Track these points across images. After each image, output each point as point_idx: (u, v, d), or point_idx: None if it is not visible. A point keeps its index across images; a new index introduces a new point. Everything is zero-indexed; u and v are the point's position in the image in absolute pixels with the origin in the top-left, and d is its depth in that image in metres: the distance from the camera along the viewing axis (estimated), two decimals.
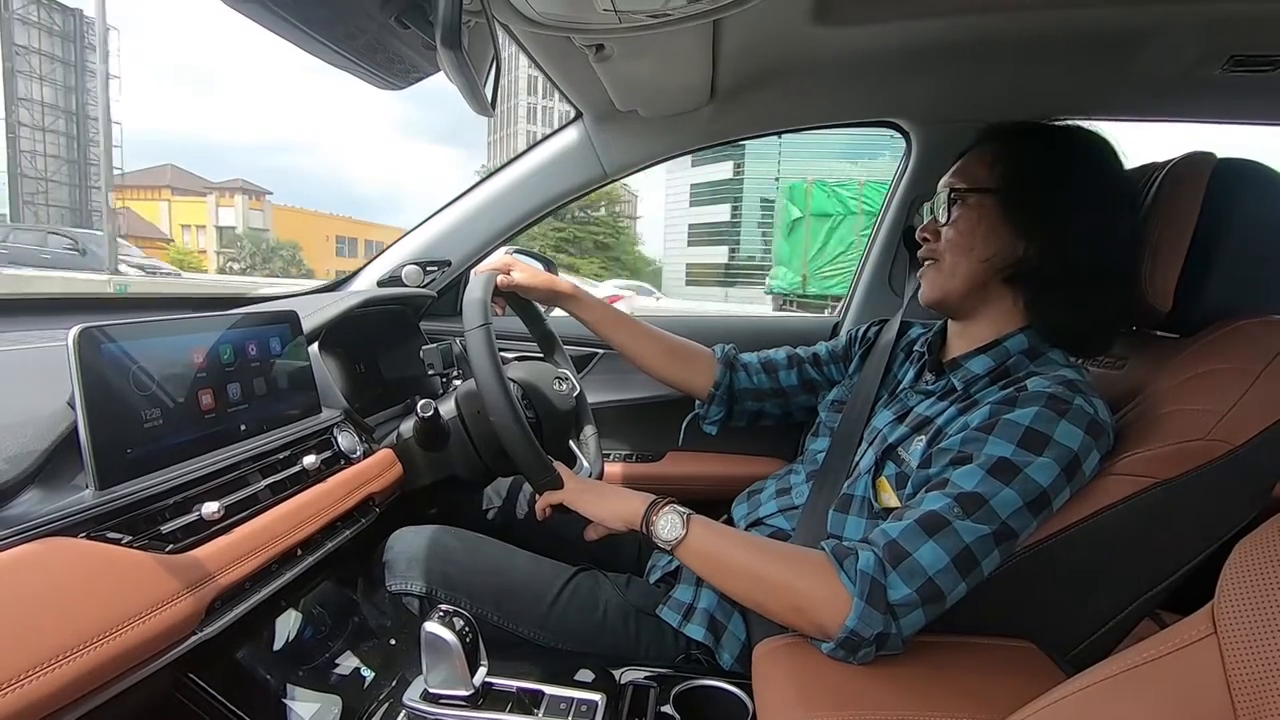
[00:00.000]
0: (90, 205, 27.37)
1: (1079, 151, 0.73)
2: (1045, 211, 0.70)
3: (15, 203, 25.70)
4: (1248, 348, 0.67)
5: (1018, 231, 0.72)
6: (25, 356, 0.72)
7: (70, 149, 27.44)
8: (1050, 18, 0.97)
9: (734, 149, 31.23)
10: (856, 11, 0.97)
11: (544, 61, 1.03)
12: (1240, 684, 0.35)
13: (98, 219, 27.57)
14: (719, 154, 32.23)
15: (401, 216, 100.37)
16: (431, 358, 0.96)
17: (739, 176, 31.84)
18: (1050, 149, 0.73)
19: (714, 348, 1.05)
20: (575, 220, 24.20)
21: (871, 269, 1.40)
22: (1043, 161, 0.72)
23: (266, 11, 0.53)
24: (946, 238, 0.76)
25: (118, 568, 0.51)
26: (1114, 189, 0.72)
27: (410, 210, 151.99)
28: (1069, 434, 0.63)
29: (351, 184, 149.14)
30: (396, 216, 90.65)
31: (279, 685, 0.66)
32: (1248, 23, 0.93)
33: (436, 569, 0.83)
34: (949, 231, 0.76)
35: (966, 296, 0.76)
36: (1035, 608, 0.70)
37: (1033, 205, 0.71)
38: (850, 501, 0.75)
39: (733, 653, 0.77)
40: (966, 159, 0.78)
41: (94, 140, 27.31)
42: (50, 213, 26.31)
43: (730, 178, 31.98)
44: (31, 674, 0.42)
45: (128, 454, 0.58)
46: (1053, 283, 0.71)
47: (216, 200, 35.85)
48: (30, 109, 26.14)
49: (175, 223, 35.04)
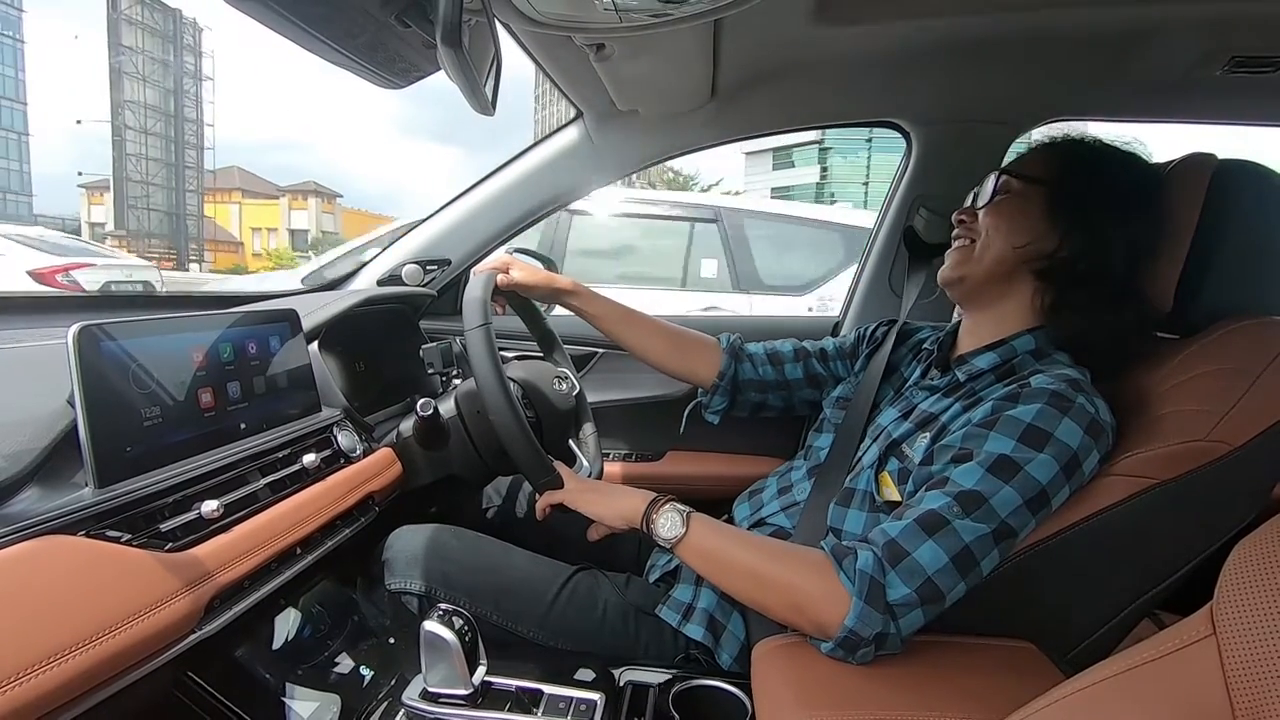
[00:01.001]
0: (184, 209, 26.82)
1: (1130, 171, 0.74)
2: (1090, 214, 0.71)
3: (120, 207, 24.97)
4: (1247, 348, 0.67)
5: (1059, 226, 0.72)
6: (25, 355, 0.72)
7: (167, 151, 26.98)
8: (1050, 18, 0.97)
9: (820, 151, 30.85)
10: (857, 11, 0.96)
11: (545, 61, 1.03)
12: (1239, 685, 0.35)
13: (192, 223, 27.23)
14: (804, 158, 31.89)
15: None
16: (431, 357, 0.96)
17: (825, 181, 31.64)
18: (1106, 163, 0.75)
19: (719, 337, 1.04)
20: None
21: (871, 269, 1.40)
22: (1098, 171, 0.74)
23: (267, 9, 0.53)
24: (984, 220, 0.77)
25: (117, 566, 0.51)
26: (1153, 209, 0.72)
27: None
28: (1070, 432, 0.63)
29: (353, 180, 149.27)
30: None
31: (278, 684, 0.66)
32: (1249, 23, 0.93)
33: (436, 568, 0.83)
34: (988, 215, 0.77)
35: (988, 281, 0.76)
36: (1034, 608, 0.70)
37: (1081, 204, 0.72)
38: (852, 495, 0.75)
39: (732, 652, 0.77)
40: (1023, 154, 0.80)
41: (188, 142, 26.96)
42: (151, 216, 25.79)
43: (817, 181, 31.81)
44: (30, 672, 0.42)
45: (127, 452, 0.58)
46: (1083, 282, 0.71)
47: (289, 203, 35.26)
48: (135, 111, 25.66)
49: (245, 226, 34.25)
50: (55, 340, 0.57)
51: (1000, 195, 0.77)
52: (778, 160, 33.42)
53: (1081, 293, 0.71)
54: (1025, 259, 0.74)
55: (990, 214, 0.77)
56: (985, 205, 0.77)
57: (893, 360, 0.91)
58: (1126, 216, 0.71)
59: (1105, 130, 0.79)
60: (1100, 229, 0.71)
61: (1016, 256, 0.74)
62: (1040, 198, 0.74)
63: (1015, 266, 0.75)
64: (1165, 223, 0.72)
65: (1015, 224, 0.74)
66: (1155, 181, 0.73)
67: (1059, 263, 0.72)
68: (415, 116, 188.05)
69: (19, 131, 52.27)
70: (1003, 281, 0.76)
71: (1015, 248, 0.74)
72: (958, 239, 0.80)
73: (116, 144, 25.49)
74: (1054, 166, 0.75)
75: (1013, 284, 0.76)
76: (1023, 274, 0.75)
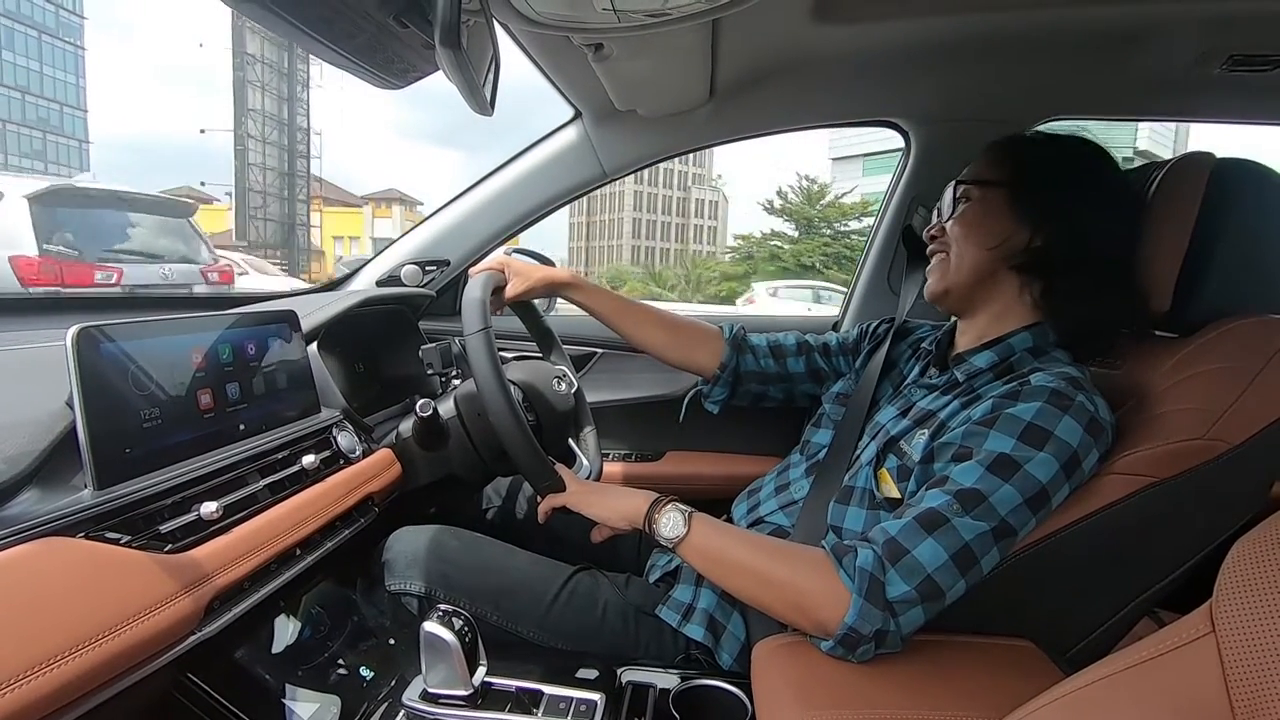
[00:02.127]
0: (295, 218, 26.26)
1: (1082, 155, 0.75)
2: (1054, 201, 0.72)
3: (242, 217, 24.36)
4: (1246, 347, 0.67)
5: (1026, 221, 0.73)
6: (24, 356, 0.72)
7: (282, 161, 26.44)
8: (1050, 18, 0.97)
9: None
10: (856, 11, 0.97)
11: (543, 61, 1.03)
12: (1238, 683, 0.35)
13: (302, 233, 26.67)
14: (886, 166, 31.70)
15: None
16: (430, 357, 0.96)
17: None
18: (1055, 151, 0.76)
19: (722, 326, 1.04)
20: (837, 235, 23.25)
21: (870, 268, 1.40)
22: (1049, 160, 0.75)
23: (265, 11, 0.53)
24: (953, 232, 0.78)
25: (116, 567, 0.51)
26: (1117, 190, 0.74)
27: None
28: (1070, 430, 0.63)
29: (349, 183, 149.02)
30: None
31: (278, 685, 0.66)
32: (1248, 22, 0.93)
33: (436, 569, 0.83)
34: (955, 226, 0.78)
35: (972, 288, 0.77)
36: (1034, 607, 0.70)
37: (1041, 196, 0.73)
38: (851, 493, 0.75)
39: (732, 652, 0.77)
40: (974, 162, 0.80)
41: (300, 151, 26.45)
42: (267, 227, 25.33)
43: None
44: (30, 674, 0.42)
45: (126, 453, 0.58)
46: (1064, 269, 0.72)
47: (373, 211, 34.56)
48: (256, 120, 25.19)
49: (326, 234, 32.94)
50: (54, 342, 0.57)
51: (962, 204, 0.78)
52: (868, 167, 33.01)
53: (1066, 279, 0.72)
54: (1002, 258, 0.75)
55: (957, 224, 0.78)
56: (950, 218, 0.79)
57: (891, 358, 0.92)
58: (1092, 198, 0.71)
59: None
60: (1069, 214, 0.71)
61: (992, 258, 0.75)
62: (1002, 198, 0.75)
63: (994, 268, 0.75)
64: (1128, 193, 0.73)
65: (983, 228, 0.75)
66: (1115, 163, 0.75)
67: (1036, 254, 0.73)
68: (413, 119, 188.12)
69: (79, 139, 52.32)
70: (987, 285, 0.76)
71: (988, 249, 0.75)
72: (934, 255, 0.81)
73: (239, 153, 24.91)
74: (1008, 166, 0.76)
75: (997, 285, 0.76)
76: (1004, 273, 0.75)
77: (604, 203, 54.62)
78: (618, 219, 54.62)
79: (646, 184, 52.74)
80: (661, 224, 54.43)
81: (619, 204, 53.77)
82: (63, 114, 51.60)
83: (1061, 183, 0.73)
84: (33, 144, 49.71)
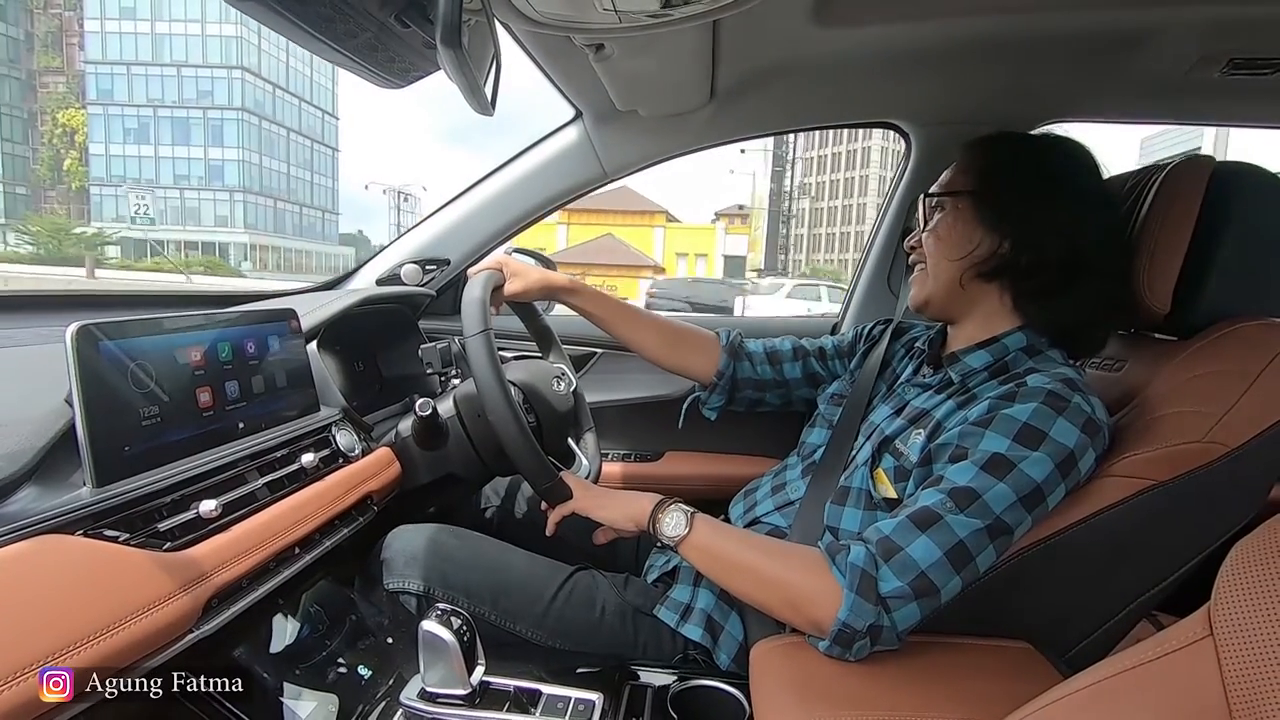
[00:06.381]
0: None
1: (1049, 154, 0.76)
2: (1015, 206, 0.72)
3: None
4: (1245, 350, 0.67)
5: (992, 228, 0.73)
6: (23, 353, 0.72)
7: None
8: (1050, 19, 0.97)
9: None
10: (856, 12, 0.97)
11: (544, 61, 1.03)
12: (1236, 686, 0.35)
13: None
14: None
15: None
16: (430, 356, 0.96)
17: None
18: (1020, 152, 0.76)
19: (719, 333, 1.04)
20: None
21: (870, 269, 1.40)
22: (1012, 162, 0.76)
23: (266, 9, 0.53)
24: (927, 244, 0.79)
25: (115, 565, 0.51)
26: (1085, 188, 0.73)
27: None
28: (1065, 431, 0.63)
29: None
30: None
31: (276, 684, 0.66)
32: (1247, 25, 0.93)
33: (434, 568, 0.83)
34: (929, 237, 0.79)
35: (949, 297, 0.77)
36: (1032, 609, 0.70)
37: (1003, 201, 0.73)
38: (847, 494, 0.75)
39: (730, 653, 0.78)
40: (947, 170, 0.81)
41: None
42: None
43: None
44: (28, 671, 0.42)
45: (125, 451, 0.58)
46: (1029, 273, 0.72)
47: (725, 228, 33.64)
48: None
49: (670, 250, 32.06)
50: (54, 340, 0.57)
51: (938, 214, 0.79)
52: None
53: (1031, 283, 0.73)
54: (970, 267, 0.75)
55: (930, 236, 0.79)
56: (925, 231, 0.79)
57: (886, 357, 0.92)
58: (1055, 200, 0.71)
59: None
60: (1030, 218, 0.72)
61: (959, 268, 0.75)
62: (969, 207, 0.75)
63: (965, 277, 0.75)
64: (1097, 191, 0.73)
65: (950, 240, 0.76)
66: (1086, 162, 0.74)
67: (1002, 261, 0.73)
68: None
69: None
70: (964, 295, 0.77)
71: (955, 260, 0.75)
72: (915, 266, 0.82)
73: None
74: (973, 175, 0.76)
75: (974, 293, 0.76)
76: (976, 282, 0.75)
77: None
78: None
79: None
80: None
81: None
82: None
83: (1022, 185, 0.73)
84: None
